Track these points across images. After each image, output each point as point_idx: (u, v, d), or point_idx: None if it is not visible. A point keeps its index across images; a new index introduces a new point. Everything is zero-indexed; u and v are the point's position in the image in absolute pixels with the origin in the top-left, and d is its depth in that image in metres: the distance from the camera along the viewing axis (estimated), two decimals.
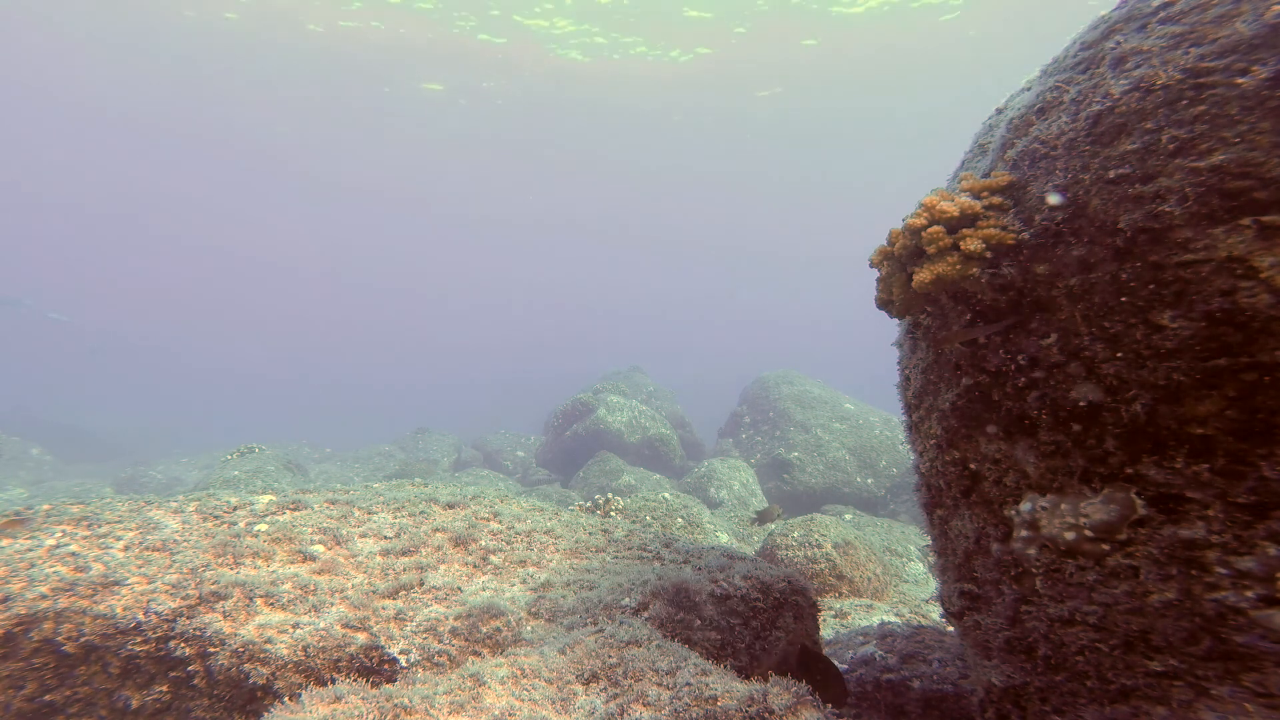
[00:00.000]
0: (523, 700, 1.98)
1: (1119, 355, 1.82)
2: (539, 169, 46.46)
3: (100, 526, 3.10)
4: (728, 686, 1.90)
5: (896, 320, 2.75)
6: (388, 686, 2.06)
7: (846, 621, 5.63)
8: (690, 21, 27.81)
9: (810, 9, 26.71)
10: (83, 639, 2.51)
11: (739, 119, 37.75)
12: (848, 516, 10.56)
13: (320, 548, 3.10)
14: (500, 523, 3.59)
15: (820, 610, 4.60)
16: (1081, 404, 1.91)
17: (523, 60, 30.92)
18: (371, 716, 1.86)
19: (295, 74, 33.11)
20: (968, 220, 2.14)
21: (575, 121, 38.34)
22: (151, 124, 40.01)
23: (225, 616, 2.53)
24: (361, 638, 2.51)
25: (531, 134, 40.21)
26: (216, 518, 3.34)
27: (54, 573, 2.71)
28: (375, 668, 2.44)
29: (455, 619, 2.62)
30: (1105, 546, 1.90)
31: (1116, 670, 1.96)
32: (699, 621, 2.79)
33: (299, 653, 2.41)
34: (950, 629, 4.13)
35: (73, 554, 2.84)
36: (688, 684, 1.94)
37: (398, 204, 57.14)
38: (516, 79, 32.90)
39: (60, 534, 3.01)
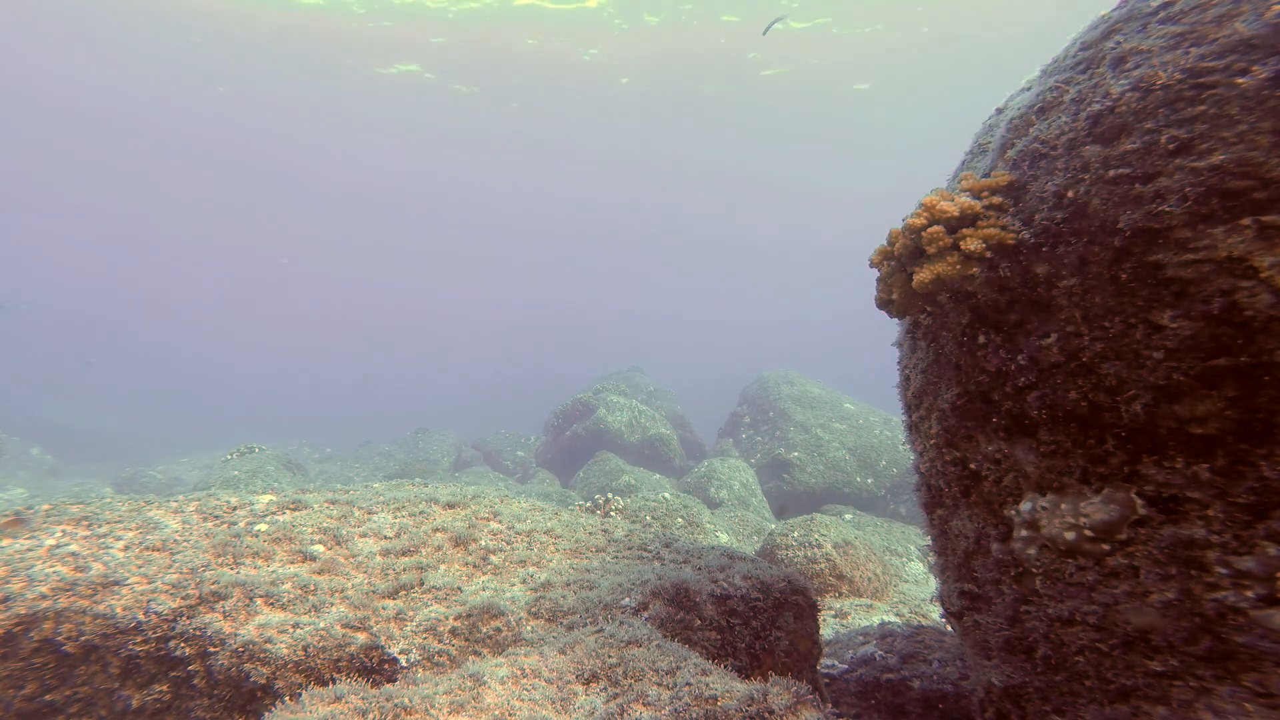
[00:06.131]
0: (523, 700, 1.98)
1: (1119, 355, 1.82)
2: (540, 165, 46.47)
3: (100, 526, 3.10)
4: (728, 686, 1.90)
5: (896, 320, 2.75)
6: (388, 686, 2.06)
7: (846, 621, 5.63)
8: (690, 11, 27.76)
9: (816, 2, 26.68)
10: (83, 639, 2.51)
11: (742, 114, 37.76)
12: (848, 516, 10.57)
13: (320, 548, 3.10)
14: (500, 523, 3.59)
15: (820, 610, 4.60)
16: (1081, 404, 1.91)
17: (523, 51, 30.89)
18: (372, 716, 1.86)
19: (296, 68, 33.10)
20: (968, 220, 2.14)
21: (576, 116, 38.32)
22: (146, 119, 40.01)
23: (225, 616, 2.53)
24: (361, 638, 2.51)
25: (532, 129, 40.20)
26: (216, 518, 3.34)
27: (54, 572, 2.71)
28: (375, 668, 2.44)
29: (455, 619, 2.62)
30: (1105, 546, 1.90)
31: (1116, 670, 1.96)
32: (699, 621, 2.79)
33: (299, 653, 2.41)
34: (950, 629, 4.13)
35: (73, 554, 2.84)
36: (688, 684, 1.94)
37: (397, 200, 57.15)
38: (518, 71, 32.87)
39: (60, 534, 3.01)
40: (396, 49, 31.06)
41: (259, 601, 2.62)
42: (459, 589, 2.86)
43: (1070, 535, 1.96)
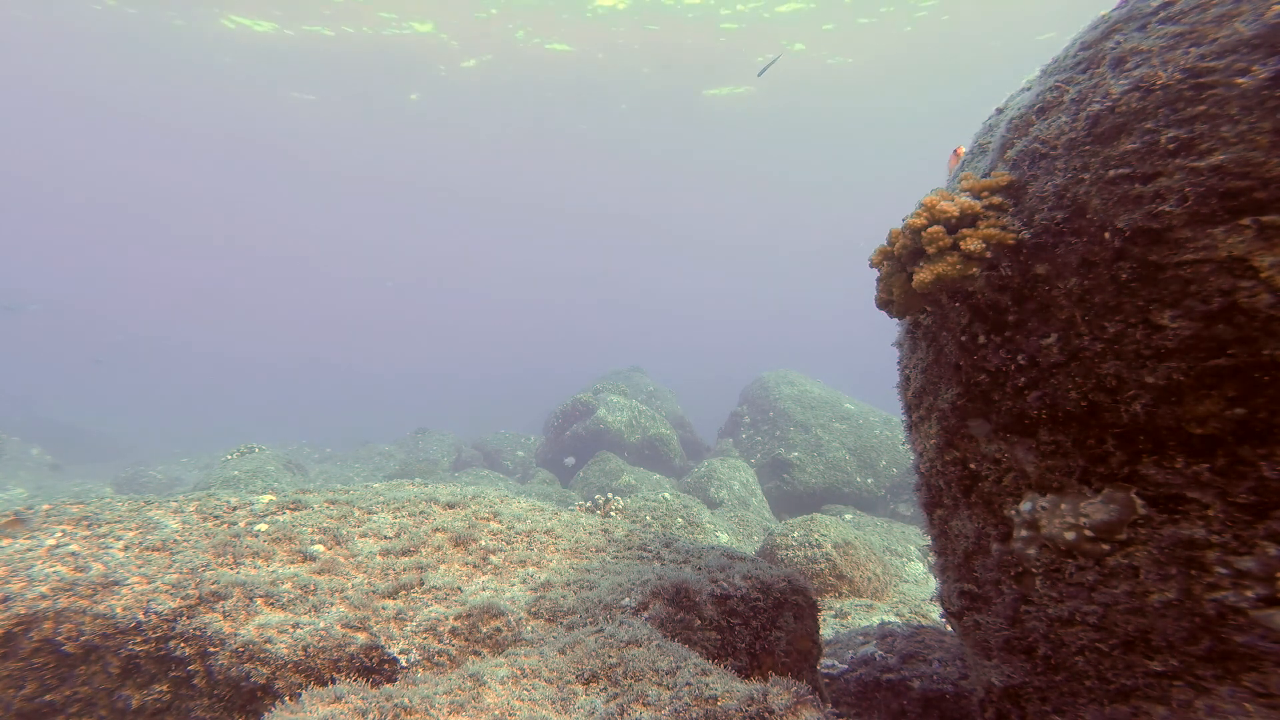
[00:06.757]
0: (523, 700, 1.98)
1: (1119, 355, 1.82)
2: (541, 165, 46.48)
3: (100, 526, 3.10)
4: (728, 686, 1.90)
5: (896, 320, 2.75)
6: (388, 686, 2.06)
7: (847, 621, 5.63)
8: (690, 9, 27.76)
9: (816, 4, 26.67)
10: (83, 639, 2.51)
11: (742, 115, 37.76)
12: (848, 516, 10.57)
13: (320, 547, 3.10)
14: (500, 523, 3.59)
15: (820, 610, 4.60)
16: (1082, 404, 1.91)
17: (527, 48, 30.89)
18: (371, 716, 1.86)
19: (301, 69, 33.11)
20: (968, 220, 2.14)
21: (576, 116, 38.32)
22: (148, 118, 40.05)
23: (225, 616, 2.53)
24: (361, 638, 2.51)
25: (533, 129, 40.20)
26: (216, 518, 3.34)
27: (54, 572, 2.71)
28: (375, 668, 2.44)
29: (455, 619, 2.62)
30: (1105, 546, 1.90)
31: (1116, 670, 1.96)
32: (699, 621, 2.79)
33: (299, 653, 2.41)
34: (950, 629, 4.13)
35: (73, 554, 2.84)
36: (688, 684, 1.94)
37: (399, 200, 57.13)
38: (520, 71, 32.86)
39: (60, 534, 3.01)
40: (408, 51, 31.05)
41: (259, 601, 2.62)
42: (459, 589, 2.86)
43: (1070, 535, 1.96)
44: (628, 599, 2.79)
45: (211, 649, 2.44)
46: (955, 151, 2.91)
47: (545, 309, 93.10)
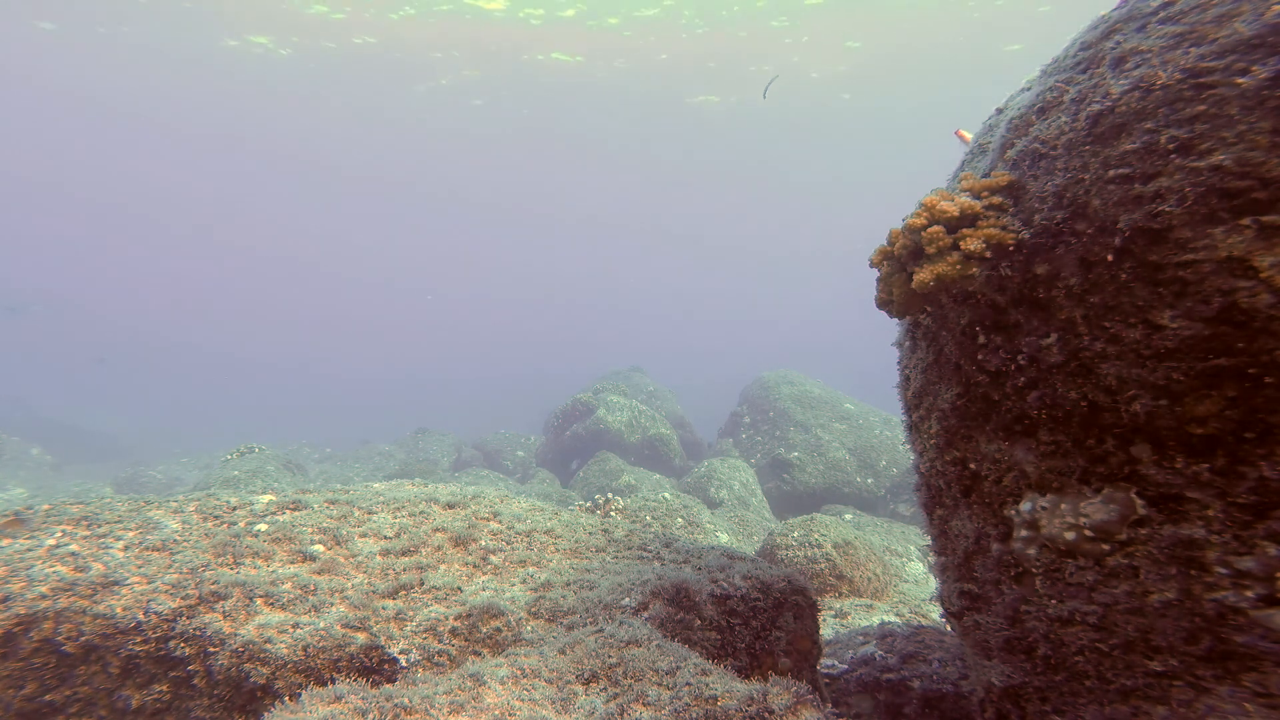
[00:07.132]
0: (523, 700, 1.98)
1: (1119, 355, 1.82)
2: (542, 166, 46.50)
3: (100, 526, 3.10)
4: (728, 686, 1.90)
5: (896, 320, 2.75)
6: (388, 686, 2.06)
7: (846, 621, 5.63)
8: (689, 19, 27.83)
9: (820, 6, 26.68)
10: (82, 639, 2.51)
11: (741, 117, 37.75)
12: (848, 516, 10.56)
13: (320, 547, 3.10)
14: (500, 523, 3.59)
15: (820, 610, 4.60)
16: (1081, 404, 1.91)
17: (524, 50, 30.91)
18: (371, 716, 1.86)
19: (301, 67, 33.11)
20: (968, 220, 2.14)
21: (577, 118, 38.33)
22: (150, 118, 40.05)
23: (225, 616, 2.53)
24: (361, 638, 2.51)
25: (534, 131, 40.21)
26: (216, 518, 3.34)
27: (54, 572, 2.71)
28: (375, 668, 2.44)
29: (455, 619, 2.62)
30: (1105, 546, 1.90)
31: (1116, 670, 1.96)
32: (699, 621, 2.79)
33: (299, 653, 2.41)
34: (950, 629, 4.12)
35: (72, 554, 2.84)
36: (688, 684, 1.94)
37: (400, 200, 57.13)
38: (523, 74, 32.88)
39: (60, 534, 3.01)
40: (410, 53, 31.05)
41: (259, 601, 2.62)
42: (459, 589, 2.86)
43: (1070, 535, 1.96)
44: (628, 599, 2.79)
45: (211, 649, 2.44)
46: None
47: (545, 309, 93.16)
